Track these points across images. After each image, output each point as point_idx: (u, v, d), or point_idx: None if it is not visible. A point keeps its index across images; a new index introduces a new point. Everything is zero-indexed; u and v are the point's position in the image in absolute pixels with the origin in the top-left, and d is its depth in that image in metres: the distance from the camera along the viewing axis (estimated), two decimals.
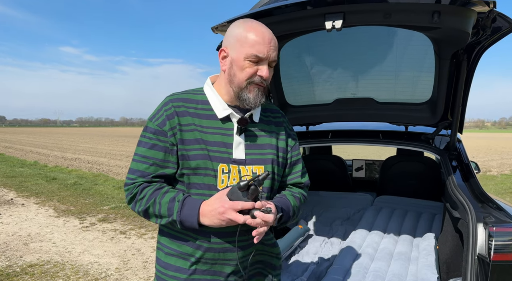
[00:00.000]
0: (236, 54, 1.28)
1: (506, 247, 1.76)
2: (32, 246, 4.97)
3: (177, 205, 1.25)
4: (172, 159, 1.32)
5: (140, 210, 1.30)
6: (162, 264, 1.38)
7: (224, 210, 1.18)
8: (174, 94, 1.39)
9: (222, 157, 1.31)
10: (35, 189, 9.21)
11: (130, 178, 1.32)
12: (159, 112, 1.34)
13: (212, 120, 1.34)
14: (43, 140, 36.74)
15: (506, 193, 9.03)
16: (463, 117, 2.46)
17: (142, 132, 1.37)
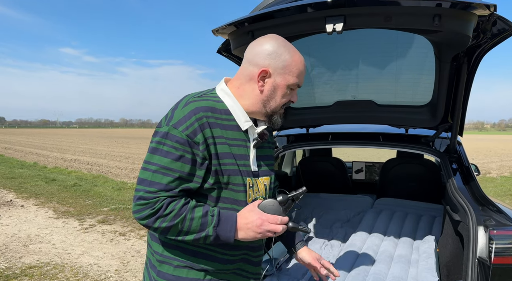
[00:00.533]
0: (281, 80, 1.28)
1: (507, 250, 1.76)
2: (32, 248, 4.97)
3: (211, 219, 1.20)
4: (199, 173, 1.22)
5: (162, 226, 1.19)
6: (169, 277, 1.28)
7: (261, 222, 1.20)
8: (198, 100, 1.26)
9: (248, 171, 1.31)
10: (35, 190, 9.20)
11: (150, 191, 1.18)
12: (188, 120, 1.20)
13: (235, 132, 1.30)
14: (43, 141, 36.72)
15: (505, 195, 9.03)
16: (463, 120, 2.46)
17: (159, 138, 1.22)
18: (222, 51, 2.31)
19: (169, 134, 1.20)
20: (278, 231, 1.21)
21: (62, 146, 27.55)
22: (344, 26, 1.62)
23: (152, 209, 1.17)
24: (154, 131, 1.27)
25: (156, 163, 1.19)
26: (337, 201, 3.64)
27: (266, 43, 1.29)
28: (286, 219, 1.23)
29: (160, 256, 1.30)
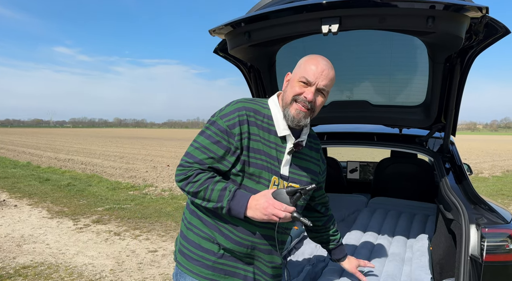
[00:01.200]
0: (293, 76, 1.51)
1: (498, 248, 1.80)
2: (25, 248, 4.94)
3: (228, 194, 1.41)
4: (230, 159, 1.46)
5: (191, 191, 1.44)
6: (192, 243, 1.53)
7: (268, 205, 1.36)
8: (247, 102, 1.52)
9: (275, 170, 1.50)
10: (28, 190, 9.14)
11: (187, 161, 1.46)
12: (231, 114, 1.46)
13: (272, 135, 1.51)
14: (36, 140, 36.42)
15: (497, 194, 9.14)
16: (456, 120, 2.49)
17: (208, 124, 1.50)
18: (219, 51, 2.33)
19: (215, 122, 1.48)
20: (281, 216, 1.35)
21: (55, 146, 27.35)
22: (339, 27, 1.65)
23: (185, 175, 1.45)
24: (208, 119, 1.54)
25: (199, 142, 1.47)
26: (332, 200, 3.66)
27: None
28: (291, 209, 1.37)
29: (188, 223, 1.57)
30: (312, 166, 1.64)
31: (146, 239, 5.40)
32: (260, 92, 2.75)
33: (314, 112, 1.51)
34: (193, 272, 1.50)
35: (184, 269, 1.53)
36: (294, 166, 1.56)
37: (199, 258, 1.50)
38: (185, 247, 1.54)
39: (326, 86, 1.48)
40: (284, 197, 1.37)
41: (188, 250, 1.53)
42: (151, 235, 5.56)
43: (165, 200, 8.13)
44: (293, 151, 1.53)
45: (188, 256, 1.52)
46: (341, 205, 3.57)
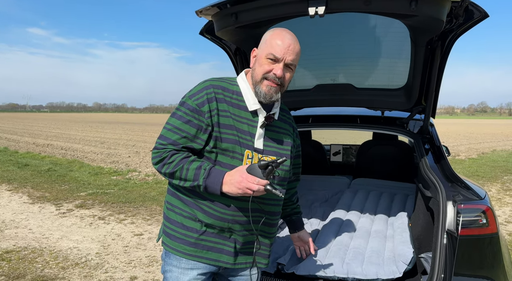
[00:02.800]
0: (260, 52, 1.53)
1: (473, 223, 1.91)
2: (7, 233, 4.88)
3: (203, 172, 1.45)
4: (202, 136, 1.50)
5: (167, 172, 1.49)
6: (174, 223, 1.58)
7: (241, 179, 1.41)
8: (214, 80, 1.57)
9: (248, 144, 1.54)
10: (7, 175, 8.95)
11: (161, 143, 1.50)
12: (199, 93, 1.51)
13: (242, 111, 1.55)
14: (12, 125, 35.37)
15: (473, 176, 9.50)
16: (436, 102, 2.58)
17: (178, 106, 1.54)
18: (205, 32, 2.32)
19: (185, 103, 1.52)
20: (254, 189, 1.40)
21: (33, 131, 26.65)
22: (326, 10, 1.68)
23: (160, 157, 1.49)
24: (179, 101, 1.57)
25: (171, 124, 1.52)
26: (316, 182, 3.76)
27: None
28: (264, 182, 1.41)
29: (169, 204, 1.61)
30: (286, 138, 1.67)
31: (131, 223, 5.41)
32: None
33: (284, 86, 1.56)
34: (177, 250, 1.55)
35: (169, 248, 1.58)
36: (268, 139, 1.60)
37: (182, 236, 1.55)
38: (168, 227, 1.59)
39: (294, 60, 1.52)
40: (257, 171, 1.41)
41: (171, 230, 1.57)
42: (136, 219, 5.57)
43: (149, 184, 8.12)
44: (265, 124, 1.57)
45: (172, 235, 1.57)
46: (325, 186, 3.67)
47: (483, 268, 1.91)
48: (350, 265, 2.12)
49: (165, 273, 1.61)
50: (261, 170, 1.41)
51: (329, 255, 2.26)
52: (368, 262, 2.16)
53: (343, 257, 2.23)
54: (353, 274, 2.06)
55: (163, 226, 1.63)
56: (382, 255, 2.25)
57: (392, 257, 2.21)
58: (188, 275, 1.55)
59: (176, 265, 1.56)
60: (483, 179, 9.13)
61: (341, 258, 2.21)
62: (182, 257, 1.55)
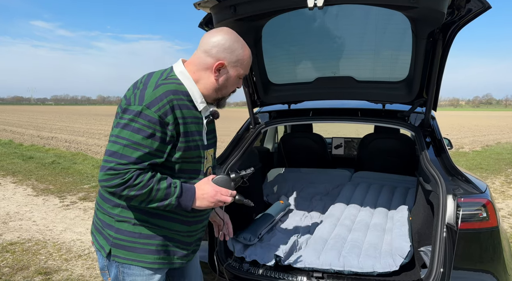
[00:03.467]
0: (234, 72, 1.46)
1: (473, 217, 1.90)
2: (12, 225, 4.93)
3: (173, 190, 1.37)
4: (165, 149, 1.37)
5: (130, 195, 1.32)
6: (130, 234, 1.45)
7: (215, 193, 1.41)
8: (167, 84, 1.39)
9: (203, 145, 1.50)
10: (12, 168, 9.01)
11: (121, 163, 1.30)
12: (160, 101, 1.33)
13: (193, 111, 1.45)
14: (17, 118, 35.56)
15: (476, 168, 9.45)
16: (438, 95, 2.56)
17: (132, 116, 1.32)
18: (204, 25, 2.30)
19: (142, 113, 1.31)
20: (228, 202, 1.42)
21: (38, 124, 26.79)
22: (325, 2, 1.66)
23: (122, 179, 1.30)
24: (124, 108, 1.36)
25: (127, 138, 1.31)
26: (317, 175, 3.76)
27: (222, 37, 1.44)
28: (234, 193, 1.44)
29: (118, 217, 1.45)
30: (214, 126, 1.67)
31: None
32: None
33: None
34: (138, 261, 1.46)
35: (126, 260, 1.46)
36: (207, 133, 1.56)
37: (141, 245, 1.45)
38: (122, 239, 1.45)
39: None
40: (227, 183, 1.43)
41: (128, 242, 1.45)
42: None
43: None
44: (211, 120, 1.56)
45: (129, 247, 1.45)
46: (326, 179, 3.67)
47: (483, 262, 1.91)
48: (346, 258, 2.13)
49: None
50: (232, 183, 1.43)
51: (326, 248, 2.27)
52: (364, 255, 2.17)
53: (340, 250, 2.24)
54: (349, 267, 2.07)
55: (111, 239, 1.46)
56: (379, 248, 2.26)
57: (389, 251, 2.21)
58: (153, 279, 1.51)
59: (140, 274, 1.48)
60: (486, 171, 9.08)
61: (338, 251, 2.21)
62: (145, 267, 1.47)
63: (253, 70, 2.75)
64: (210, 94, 1.48)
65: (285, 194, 3.39)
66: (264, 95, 2.91)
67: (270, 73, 2.85)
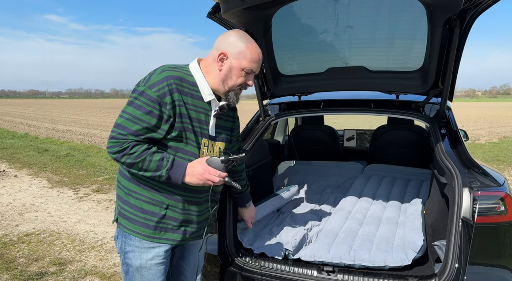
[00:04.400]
0: (236, 63, 1.58)
1: (490, 210, 1.83)
2: (27, 216, 5.03)
3: (165, 163, 1.51)
4: (163, 127, 1.53)
5: (127, 162, 1.51)
6: (133, 207, 1.62)
7: (203, 171, 1.52)
8: (172, 70, 1.57)
9: (205, 133, 1.64)
10: (27, 160, 9.19)
11: (121, 133, 1.50)
12: (160, 83, 1.51)
13: (199, 101, 1.62)
14: (33, 111, 36.20)
15: (493, 160, 9.24)
16: (454, 85, 2.47)
17: (136, 94, 1.52)
18: (213, 15, 2.26)
19: (144, 92, 1.51)
20: (215, 181, 1.53)
21: (53, 117, 27.23)
22: None
23: (120, 147, 1.50)
24: (133, 89, 1.56)
25: (130, 113, 1.51)
26: (329, 168, 3.71)
27: (230, 34, 1.62)
28: (224, 175, 1.54)
29: (127, 189, 1.64)
30: (230, 124, 1.81)
31: None
32: None
33: None
34: (137, 233, 1.62)
35: (128, 231, 1.64)
36: (218, 126, 1.71)
37: (141, 220, 1.62)
38: (127, 210, 1.64)
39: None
40: (218, 164, 1.53)
41: (130, 214, 1.63)
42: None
43: None
44: (218, 114, 1.67)
45: (131, 218, 1.63)
46: (337, 172, 3.62)
47: (500, 257, 1.84)
48: (357, 252, 2.09)
49: (128, 253, 1.67)
50: (223, 164, 1.53)
51: (337, 241, 2.23)
52: (376, 249, 2.12)
53: (351, 243, 2.20)
54: (360, 261, 2.03)
55: (119, 209, 1.68)
56: (391, 242, 2.21)
57: (401, 245, 2.16)
58: (150, 253, 1.65)
59: (138, 246, 1.64)
60: (504, 163, 8.87)
61: (349, 245, 2.17)
62: (144, 239, 1.63)
63: (263, 61, 2.70)
64: (218, 86, 1.62)
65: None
66: (274, 87, 2.86)
67: (280, 64, 2.80)
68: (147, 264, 1.65)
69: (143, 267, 1.66)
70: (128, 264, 1.69)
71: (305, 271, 2.03)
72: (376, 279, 1.94)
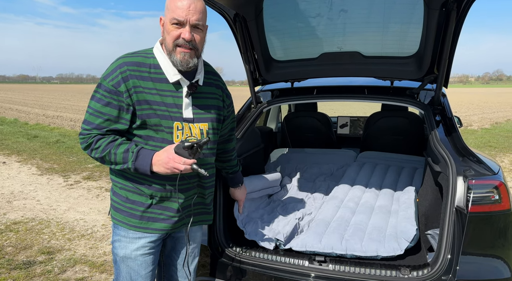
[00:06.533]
0: (165, 19, 1.50)
1: (483, 199, 1.80)
2: (16, 204, 4.95)
3: (131, 155, 1.48)
4: (125, 116, 1.50)
5: (96, 156, 1.52)
6: (120, 197, 1.62)
7: (168, 160, 1.45)
8: (128, 56, 1.52)
9: (176, 116, 1.54)
10: (16, 147, 9.04)
11: (86, 128, 1.51)
12: (113, 73, 1.48)
13: (163, 83, 1.53)
14: (23, 97, 35.65)
15: (485, 146, 9.30)
16: (449, 71, 2.41)
17: (96, 88, 1.52)
18: None
19: (101, 84, 1.50)
20: (180, 169, 1.45)
21: (43, 103, 26.82)
22: None
23: (86, 143, 1.51)
24: None
25: (92, 107, 1.51)
26: (321, 155, 3.66)
27: None
28: (190, 161, 1.45)
29: (113, 181, 1.66)
30: (215, 102, 1.68)
31: None
32: (248, 45, 2.61)
33: (198, 49, 1.52)
34: (124, 223, 1.62)
35: (116, 221, 1.64)
36: (196, 107, 1.60)
37: (127, 209, 1.61)
38: (115, 201, 1.64)
39: (199, 19, 1.47)
40: (182, 152, 1.45)
41: (118, 204, 1.63)
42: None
43: None
44: (189, 93, 1.56)
45: (119, 209, 1.63)
46: (330, 160, 3.57)
47: (493, 247, 1.82)
48: (349, 241, 2.06)
49: (114, 243, 1.67)
50: (186, 151, 1.45)
51: (329, 231, 2.20)
52: (368, 239, 2.09)
53: (343, 233, 2.17)
54: (352, 251, 2.00)
55: (111, 201, 1.68)
56: (383, 232, 2.18)
57: (394, 234, 2.14)
58: (136, 243, 1.62)
59: (124, 236, 1.62)
60: (495, 149, 8.93)
61: (341, 234, 2.14)
62: (130, 229, 1.61)
63: (254, 46, 2.61)
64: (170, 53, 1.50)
65: (288, 175, 3.31)
66: (265, 73, 2.78)
67: (272, 49, 2.71)
68: (132, 255, 1.63)
69: (128, 257, 1.64)
70: (115, 254, 1.67)
71: (296, 261, 1.99)
72: (368, 269, 1.91)
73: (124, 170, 1.54)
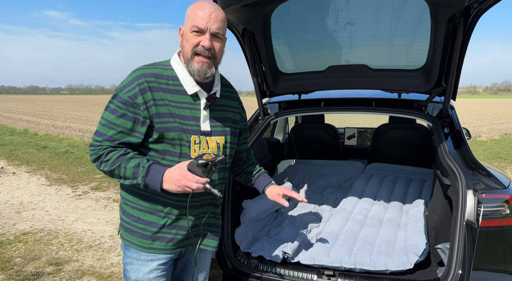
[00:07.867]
0: (185, 28, 1.47)
1: (494, 213, 1.78)
2: (25, 214, 4.99)
3: (141, 170, 1.41)
4: (140, 129, 1.45)
5: (105, 170, 1.45)
6: (131, 217, 1.56)
7: (180, 177, 1.38)
8: (145, 68, 1.48)
9: (194, 130, 1.49)
10: (26, 157, 9.14)
11: (97, 140, 1.46)
12: (130, 84, 1.43)
13: (181, 95, 1.48)
14: (33, 107, 36.16)
15: (494, 158, 9.19)
16: (457, 84, 2.41)
17: (111, 99, 1.47)
18: None
19: (117, 95, 1.45)
20: (193, 188, 1.38)
21: (53, 113, 27.17)
22: None
23: (96, 154, 1.45)
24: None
25: (105, 118, 1.46)
26: (329, 167, 3.66)
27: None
28: (203, 180, 1.38)
29: (124, 199, 1.59)
30: (232, 115, 1.64)
31: None
32: (256, 58, 2.64)
33: (216, 59, 1.49)
34: (135, 244, 1.56)
35: (127, 242, 1.58)
36: (214, 119, 1.56)
37: (139, 230, 1.54)
38: (125, 221, 1.58)
39: (219, 28, 1.45)
40: (195, 169, 1.38)
41: (128, 224, 1.57)
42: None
43: None
44: (208, 105, 1.52)
45: (129, 229, 1.57)
46: (338, 171, 3.56)
47: (505, 262, 1.80)
48: (358, 255, 2.04)
49: (126, 266, 1.61)
50: (200, 169, 1.38)
51: (337, 244, 2.18)
52: (377, 253, 2.07)
53: (352, 246, 2.15)
54: (360, 265, 1.98)
55: (121, 220, 1.62)
56: (393, 246, 2.16)
57: (403, 248, 2.12)
58: (148, 266, 1.57)
59: (136, 258, 1.57)
60: (505, 161, 8.82)
61: (349, 248, 2.13)
62: (142, 251, 1.55)
63: (262, 59, 2.64)
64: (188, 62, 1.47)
65: (296, 187, 3.30)
66: (273, 85, 2.80)
67: (279, 61, 2.74)
68: (144, 278, 1.57)
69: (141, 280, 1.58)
70: (127, 277, 1.62)
71: (305, 275, 1.98)
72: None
73: (133, 185, 1.47)
